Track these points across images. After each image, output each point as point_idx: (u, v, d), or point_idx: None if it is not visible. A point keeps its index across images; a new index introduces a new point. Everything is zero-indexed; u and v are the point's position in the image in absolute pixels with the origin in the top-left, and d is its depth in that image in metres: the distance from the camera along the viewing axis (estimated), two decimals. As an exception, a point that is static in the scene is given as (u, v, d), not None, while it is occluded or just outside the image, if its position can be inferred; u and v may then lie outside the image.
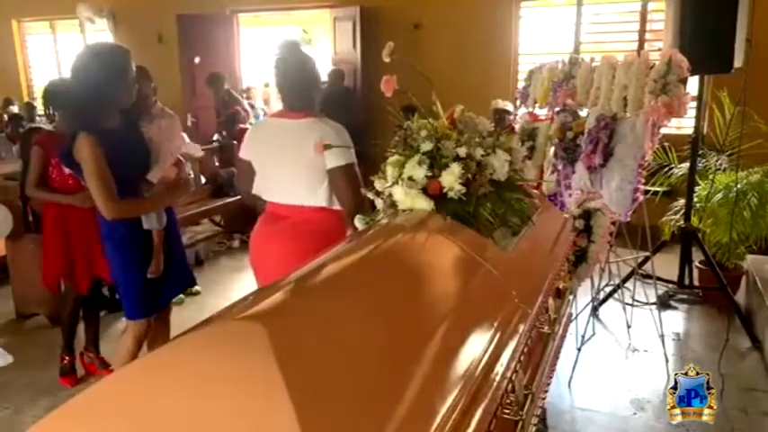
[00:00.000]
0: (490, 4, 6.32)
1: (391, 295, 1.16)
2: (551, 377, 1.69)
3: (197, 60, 7.52)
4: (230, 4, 7.69)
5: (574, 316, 3.06)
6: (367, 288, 1.17)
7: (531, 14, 6.43)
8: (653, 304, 3.76)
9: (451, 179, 1.60)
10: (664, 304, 3.95)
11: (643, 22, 5.87)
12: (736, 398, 2.92)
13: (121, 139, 2.36)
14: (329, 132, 2.19)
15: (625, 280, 3.86)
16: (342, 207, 2.24)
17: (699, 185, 4.21)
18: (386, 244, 1.43)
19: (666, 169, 4.62)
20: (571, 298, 2.30)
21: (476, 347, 1.08)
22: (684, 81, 2.76)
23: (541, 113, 3.70)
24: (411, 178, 1.63)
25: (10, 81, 8.91)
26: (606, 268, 3.47)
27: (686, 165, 4.11)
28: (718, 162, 4.42)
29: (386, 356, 0.95)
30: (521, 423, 1.14)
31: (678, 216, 4.23)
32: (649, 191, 4.02)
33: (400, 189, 1.63)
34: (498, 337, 1.16)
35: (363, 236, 1.55)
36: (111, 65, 2.32)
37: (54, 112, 3.03)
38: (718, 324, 3.66)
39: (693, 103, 3.48)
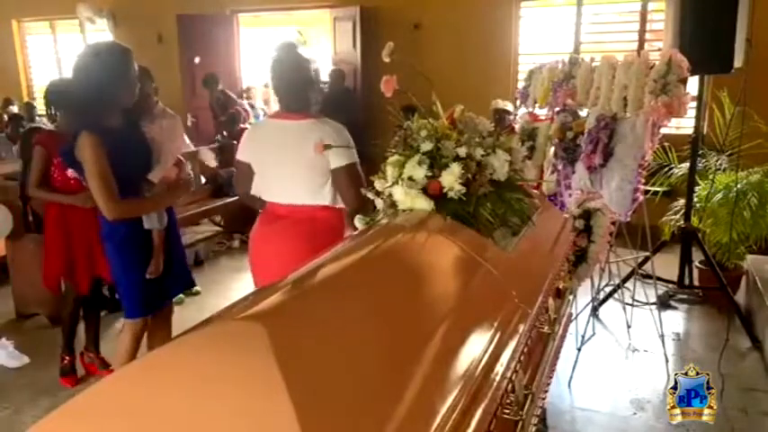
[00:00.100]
0: (490, 4, 6.32)
1: (391, 295, 1.16)
2: (551, 377, 1.69)
3: (197, 60, 7.52)
4: (230, 4, 7.69)
5: (574, 316, 3.06)
6: (367, 288, 1.17)
7: (531, 14, 6.43)
8: (653, 304, 3.76)
9: (451, 179, 1.60)
10: (664, 304, 3.95)
11: (643, 22, 5.88)
12: (736, 398, 2.92)
13: (123, 138, 2.36)
14: (330, 133, 2.20)
15: (625, 280, 3.86)
16: (345, 206, 2.26)
17: (699, 185, 4.21)
18: (386, 244, 1.43)
19: (666, 169, 4.62)
20: (571, 298, 2.30)
21: (476, 347, 1.08)
22: (684, 81, 2.76)
23: (541, 113, 3.70)
24: (411, 178, 1.63)
25: (10, 81, 8.91)
26: (606, 268, 3.47)
27: (686, 165, 4.11)
28: (718, 162, 4.42)
29: (386, 356, 0.95)
30: (521, 423, 1.14)
31: (678, 216, 4.23)
32: (649, 191, 4.02)
33: (400, 189, 1.63)
34: (498, 337, 1.16)
35: (363, 236, 1.55)
36: (113, 64, 2.32)
37: (56, 111, 3.03)
38: (718, 324, 3.66)
39: (693, 103, 3.47)
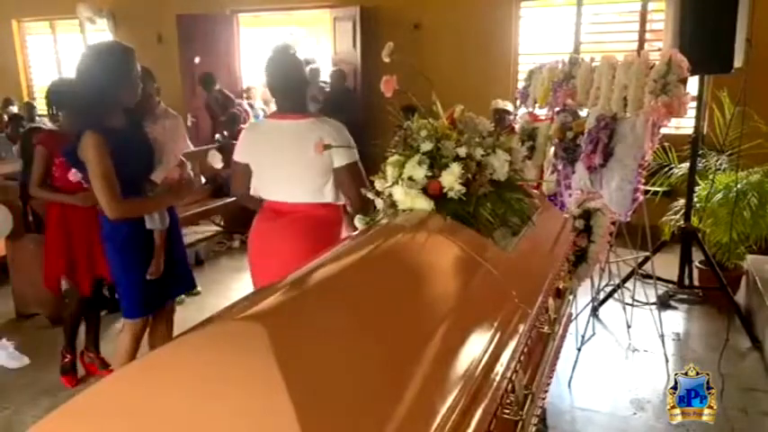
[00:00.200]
0: (490, 4, 6.32)
1: (391, 295, 1.16)
2: (551, 377, 1.69)
3: (197, 60, 7.51)
4: (230, 4, 7.69)
5: (574, 316, 3.06)
6: (367, 288, 1.17)
7: (531, 14, 6.43)
8: (653, 304, 3.76)
9: (451, 179, 1.60)
10: (664, 304, 3.95)
11: (643, 22, 5.87)
12: (736, 398, 2.92)
13: (126, 138, 2.36)
14: (329, 131, 2.23)
15: (625, 280, 3.86)
16: (348, 203, 2.30)
17: (699, 185, 4.21)
18: (386, 244, 1.43)
19: (666, 169, 4.62)
20: (571, 298, 2.30)
21: (476, 347, 1.08)
22: (684, 81, 2.75)
23: (541, 113, 3.70)
24: (411, 178, 1.64)
25: (10, 81, 8.90)
26: (606, 268, 3.47)
27: (686, 165, 4.11)
28: (719, 162, 4.42)
29: (386, 356, 0.95)
30: (521, 423, 1.14)
31: (678, 216, 4.23)
32: (649, 191, 4.02)
33: (400, 189, 1.63)
34: (498, 337, 1.16)
35: (363, 236, 1.55)
36: (116, 63, 2.32)
37: (57, 111, 3.03)
38: (718, 324, 3.66)
39: (693, 103, 3.47)
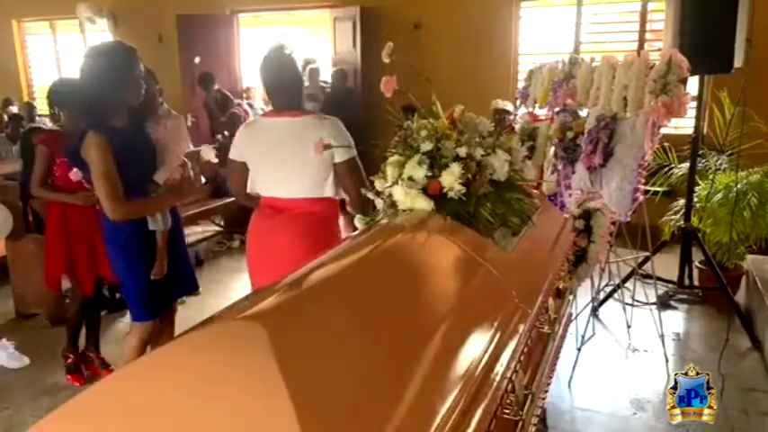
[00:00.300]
0: (490, 4, 6.31)
1: (391, 295, 1.16)
2: (551, 377, 1.69)
3: (197, 60, 7.51)
4: (230, 4, 7.69)
5: (574, 316, 3.06)
6: (367, 288, 1.17)
7: (531, 14, 6.43)
8: (653, 304, 3.76)
9: (451, 179, 1.60)
10: (664, 304, 3.95)
11: (643, 22, 5.87)
12: (736, 398, 2.92)
13: (129, 139, 2.36)
14: (328, 128, 2.27)
15: (625, 280, 3.86)
16: (348, 197, 2.35)
17: (699, 185, 4.21)
18: (386, 244, 1.43)
19: (666, 169, 4.62)
20: (571, 298, 2.30)
21: (476, 347, 1.08)
22: (684, 81, 2.75)
23: (541, 113, 3.70)
24: (411, 178, 1.64)
25: (10, 81, 8.90)
26: (606, 268, 3.47)
27: (686, 165, 4.11)
28: (719, 162, 4.42)
29: (386, 356, 0.95)
30: (521, 423, 1.14)
31: (678, 216, 4.23)
32: (649, 191, 4.02)
33: (400, 189, 1.63)
34: (498, 337, 1.16)
35: (363, 236, 1.55)
36: (118, 63, 2.32)
37: (59, 111, 3.03)
38: (718, 324, 3.66)
39: (693, 103, 3.47)
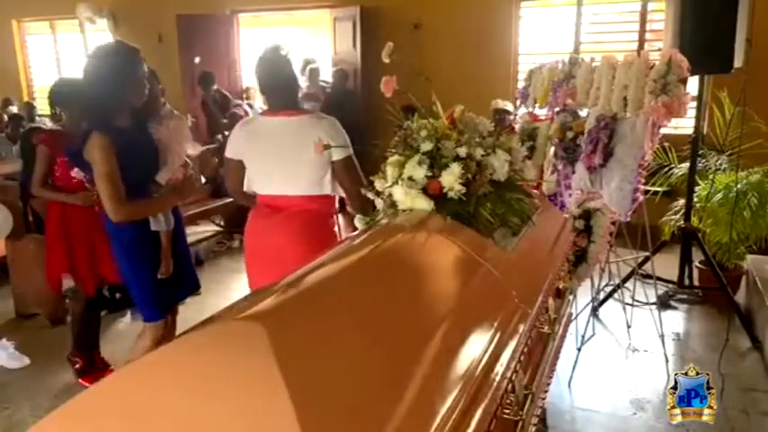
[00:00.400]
0: (490, 4, 6.31)
1: (391, 295, 1.16)
2: (551, 377, 1.69)
3: (197, 60, 7.51)
4: (230, 4, 7.69)
5: (574, 316, 3.06)
6: (367, 288, 1.17)
7: (531, 14, 6.43)
8: (653, 304, 3.76)
9: (451, 179, 1.60)
10: (664, 304, 3.95)
11: (643, 22, 5.87)
12: (736, 398, 2.92)
13: (132, 139, 2.36)
14: (327, 130, 2.29)
15: (625, 280, 3.86)
16: (345, 193, 2.37)
17: (699, 185, 4.21)
18: (386, 244, 1.43)
19: (666, 169, 4.62)
20: (571, 298, 2.30)
21: (476, 347, 1.08)
22: (684, 81, 2.75)
23: (541, 113, 3.70)
24: (411, 178, 1.64)
25: (10, 81, 8.90)
26: (606, 268, 3.47)
27: (686, 165, 4.11)
28: (719, 162, 4.42)
29: (386, 356, 0.95)
30: (521, 423, 1.14)
31: (678, 216, 4.23)
32: (649, 191, 4.02)
33: (400, 189, 1.63)
34: (498, 337, 1.16)
35: (363, 236, 1.55)
36: (122, 64, 2.32)
37: (61, 111, 3.03)
38: (718, 324, 3.66)
39: (693, 103, 3.47)
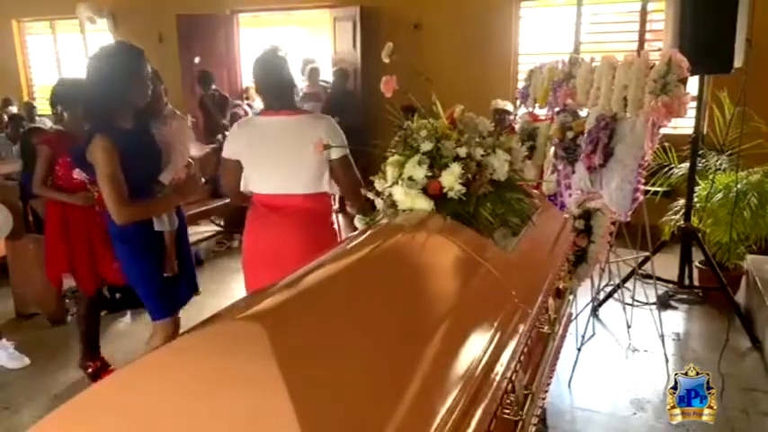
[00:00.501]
0: (490, 4, 6.32)
1: (391, 295, 1.16)
2: (551, 377, 1.69)
3: (197, 60, 7.51)
4: (230, 4, 7.69)
5: (574, 316, 3.06)
6: (367, 288, 1.17)
7: (531, 14, 6.43)
8: (653, 304, 3.76)
9: (451, 179, 1.60)
10: (664, 304, 3.95)
11: (643, 22, 5.87)
12: (736, 398, 2.92)
13: (135, 140, 2.36)
14: (326, 130, 2.32)
15: (625, 280, 3.86)
16: (342, 191, 2.43)
17: (699, 185, 4.21)
18: (386, 244, 1.43)
19: (666, 169, 4.62)
20: (571, 298, 2.30)
21: (476, 347, 1.08)
22: (684, 81, 2.75)
23: (541, 113, 3.70)
24: (411, 178, 1.64)
25: (10, 81, 8.91)
26: (606, 268, 3.47)
27: (686, 165, 4.11)
28: (719, 162, 4.41)
29: (386, 356, 0.95)
30: (521, 423, 1.14)
31: (678, 216, 4.23)
32: (649, 191, 4.02)
33: (400, 189, 1.63)
34: (498, 337, 1.16)
35: (363, 236, 1.55)
36: (126, 64, 2.31)
37: (62, 111, 3.03)
38: (718, 324, 3.66)
39: (693, 103, 3.47)
